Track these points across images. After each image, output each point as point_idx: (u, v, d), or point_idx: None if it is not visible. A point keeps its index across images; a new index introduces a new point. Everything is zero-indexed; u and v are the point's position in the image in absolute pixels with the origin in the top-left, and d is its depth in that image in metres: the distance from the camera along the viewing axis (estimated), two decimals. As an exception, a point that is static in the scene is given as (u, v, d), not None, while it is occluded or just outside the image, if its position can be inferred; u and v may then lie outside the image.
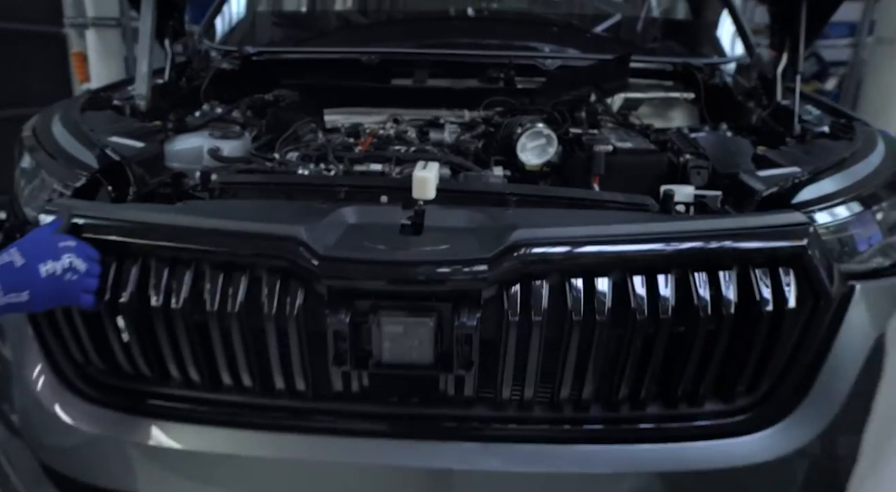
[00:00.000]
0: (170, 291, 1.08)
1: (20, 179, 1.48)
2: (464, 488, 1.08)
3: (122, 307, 1.10)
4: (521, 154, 1.57)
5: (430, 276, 1.03)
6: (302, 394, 1.13)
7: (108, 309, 1.11)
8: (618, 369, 1.08)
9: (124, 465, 1.14)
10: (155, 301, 1.08)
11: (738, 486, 1.10)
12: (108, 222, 1.10)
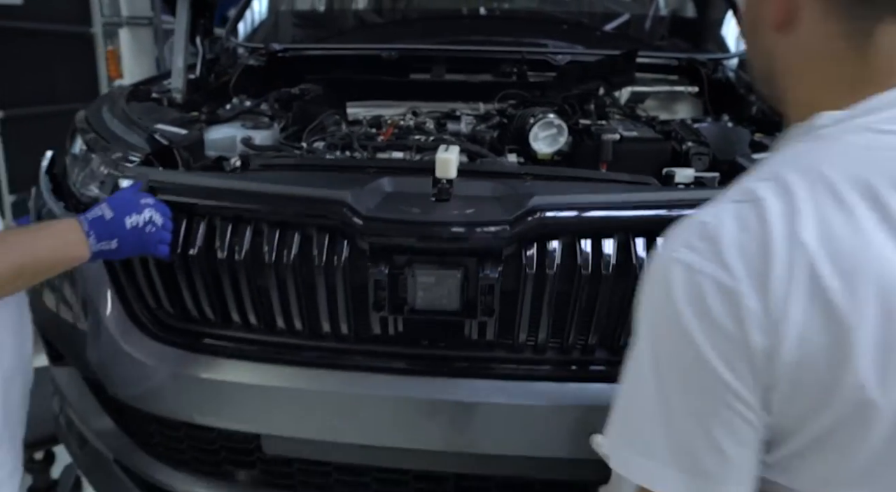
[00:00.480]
0: (233, 246, 1.25)
1: (73, 164, 1.63)
2: (483, 418, 1.23)
3: (191, 259, 1.27)
4: (534, 143, 1.70)
5: (458, 235, 1.19)
6: (344, 336, 1.29)
7: (180, 260, 1.28)
8: (622, 318, 1.23)
9: (184, 396, 1.32)
10: (220, 254, 1.25)
11: None
12: (180, 186, 1.28)
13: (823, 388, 0.58)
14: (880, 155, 0.61)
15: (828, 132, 0.65)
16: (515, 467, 1.28)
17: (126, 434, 1.47)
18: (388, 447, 1.28)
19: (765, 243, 0.59)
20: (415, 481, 1.33)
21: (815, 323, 0.57)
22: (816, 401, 0.59)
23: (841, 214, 0.58)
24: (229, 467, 1.38)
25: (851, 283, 0.56)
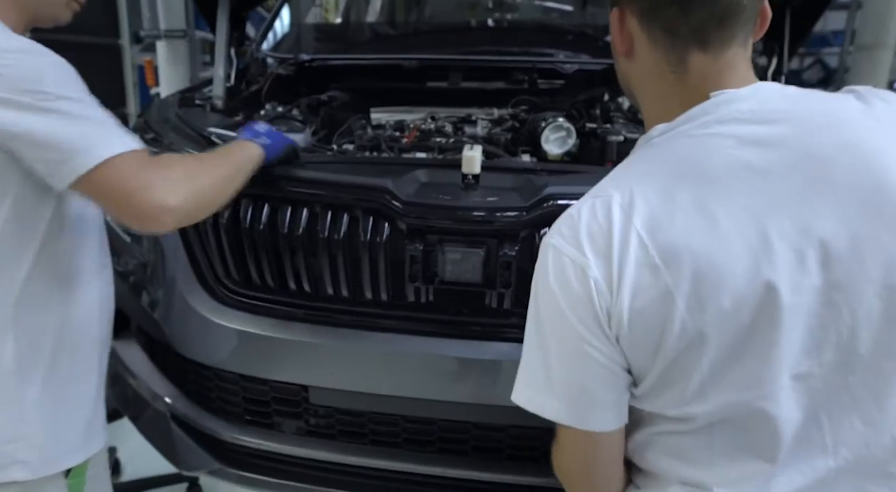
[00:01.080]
0: (293, 225, 1.48)
1: None
2: (499, 374, 1.45)
3: (257, 235, 1.50)
4: (545, 144, 1.92)
5: (482, 218, 1.42)
6: (383, 303, 1.51)
7: (247, 236, 1.52)
8: None
9: (246, 352, 1.55)
10: (282, 231, 1.48)
11: None
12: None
13: (657, 332, 0.81)
14: (692, 155, 0.83)
15: (657, 141, 0.88)
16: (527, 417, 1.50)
17: (184, 394, 1.70)
18: (416, 398, 1.50)
19: (608, 229, 0.82)
20: (439, 430, 1.55)
21: (645, 284, 0.80)
22: (655, 343, 0.81)
23: (664, 201, 0.80)
24: (278, 418, 1.61)
25: (671, 253, 0.79)
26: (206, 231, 1.56)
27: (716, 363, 0.81)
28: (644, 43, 0.88)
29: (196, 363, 1.60)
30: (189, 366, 1.64)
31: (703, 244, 0.78)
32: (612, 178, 0.88)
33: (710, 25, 0.82)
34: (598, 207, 0.84)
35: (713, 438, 0.85)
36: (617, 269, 0.80)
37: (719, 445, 0.85)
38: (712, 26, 0.83)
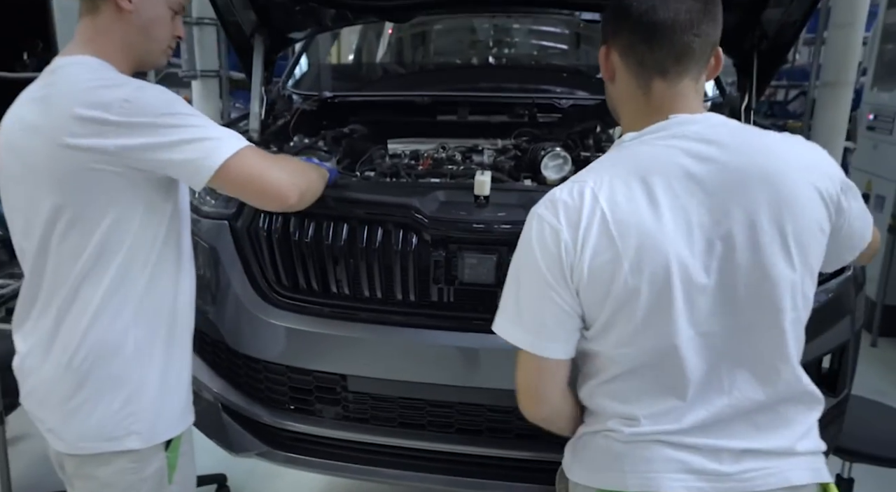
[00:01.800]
0: (335, 237, 1.79)
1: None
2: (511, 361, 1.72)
3: (305, 246, 1.80)
4: (544, 171, 2.23)
5: (494, 230, 1.73)
6: (411, 302, 1.81)
7: (296, 247, 1.82)
8: None
9: (293, 346, 1.84)
10: (328, 241, 1.79)
11: None
12: None
13: (607, 285, 1.12)
14: (649, 158, 1.15)
15: (626, 145, 1.20)
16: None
17: (233, 386, 1.98)
18: (439, 384, 1.79)
19: (580, 205, 1.13)
20: (458, 414, 1.84)
21: (602, 248, 1.11)
22: (604, 294, 1.13)
23: (625, 189, 1.12)
24: (319, 405, 1.90)
25: (624, 227, 1.10)
26: (259, 243, 1.86)
27: (645, 315, 1.12)
28: (622, 71, 1.21)
29: (248, 358, 1.89)
30: (240, 361, 1.92)
31: (647, 224, 1.10)
32: (589, 170, 1.21)
33: (668, 60, 1.15)
34: (574, 189, 1.16)
35: (640, 380, 1.16)
36: (582, 235, 1.11)
37: (644, 386, 1.16)
38: (670, 61, 1.15)
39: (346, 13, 2.84)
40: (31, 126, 1.38)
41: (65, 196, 1.35)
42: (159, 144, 1.31)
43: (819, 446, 1.21)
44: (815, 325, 1.24)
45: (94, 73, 1.38)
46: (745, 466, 1.14)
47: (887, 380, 3.71)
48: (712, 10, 1.17)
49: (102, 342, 1.39)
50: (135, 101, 1.32)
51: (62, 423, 1.42)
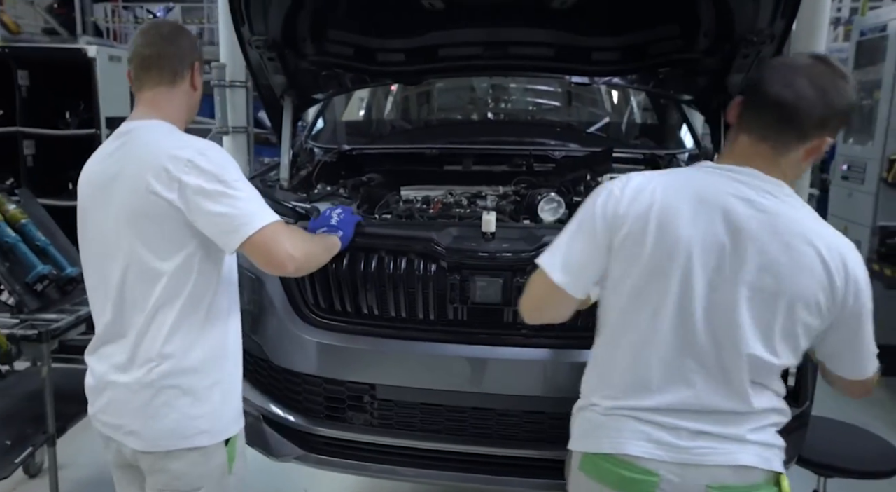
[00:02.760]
0: (366, 265, 2.14)
1: None
2: (515, 370, 2.07)
3: (340, 273, 2.15)
4: (541, 213, 2.59)
5: (501, 258, 2.08)
6: (430, 320, 2.15)
7: (332, 275, 2.17)
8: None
9: (328, 360, 2.16)
10: (361, 269, 2.14)
11: None
12: None
13: (631, 250, 1.45)
14: (707, 179, 1.47)
15: (701, 166, 1.54)
16: (537, 404, 2.12)
17: (272, 399, 2.30)
18: (455, 391, 2.12)
19: (642, 188, 1.46)
20: (471, 419, 2.16)
21: (639, 228, 1.44)
22: (625, 257, 1.46)
23: (677, 192, 1.45)
24: (350, 412, 2.22)
25: (664, 221, 1.42)
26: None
27: (643, 285, 1.46)
28: (734, 125, 1.52)
29: (288, 372, 2.21)
30: (281, 375, 2.25)
31: (683, 229, 1.41)
32: (661, 173, 1.55)
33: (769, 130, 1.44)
34: (644, 177, 1.51)
35: (621, 355, 1.52)
36: (631, 210, 1.45)
37: (623, 363, 1.51)
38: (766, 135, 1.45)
39: (365, 77, 3.25)
40: (110, 178, 1.72)
41: (144, 239, 1.68)
42: (216, 194, 1.62)
43: (773, 441, 1.51)
44: None
45: (171, 134, 1.74)
46: (699, 443, 1.45)
47: (869, 414, 3.99)
48: (827, 114, 1.41)
49: (175, 360, 1.71)
50: (207, 157, 1.66)
51: (142, 426, 1.72)
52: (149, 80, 1.80)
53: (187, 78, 1.85)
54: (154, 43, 1.82)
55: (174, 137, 1.73)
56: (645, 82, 3.26)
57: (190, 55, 1.87)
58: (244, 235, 1.63)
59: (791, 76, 1.42)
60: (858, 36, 5.29)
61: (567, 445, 1.62)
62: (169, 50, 1.82)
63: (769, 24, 2.39)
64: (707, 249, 1.41)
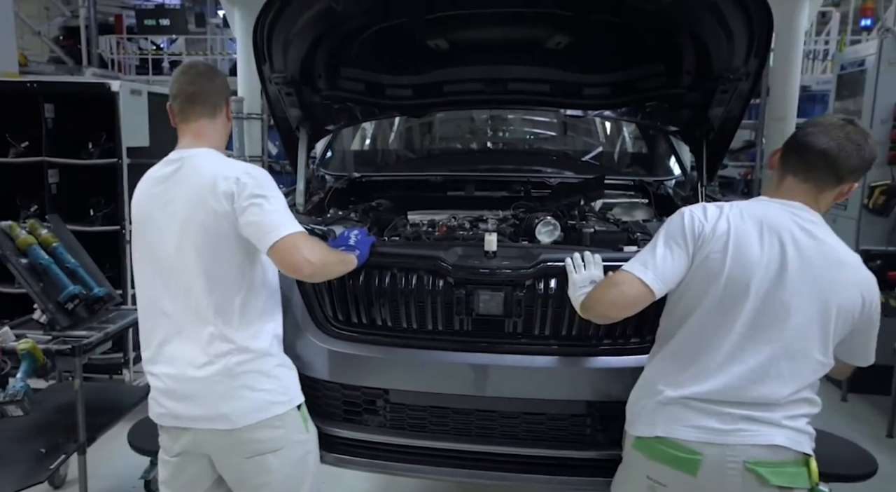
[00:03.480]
0: (380, 281, 2.37)
1: None
2: (516, 375, 2.29)
3: (357, 289, 2.39)
4: (538, 235, 2.81)
5: (502, 274, 2.32)
6: (439, 331, 2.37)
7: (350, 290, 2.40)
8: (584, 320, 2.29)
9: (345, 367, 2.39)
10: (375, 284, 2.38)
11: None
12: None
13: (708, 269, 1.80)
14: (764, 209, 1.83)
15: (758, 200, 1.89)
16: (537, 406, 2.35)
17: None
18: (461, 394, 2.34)
19: (719, 215, 1.83)
20: (476, 420, 2.38)
21: (719, 248, 1.79)
22: (703, 273, 1.80)
23: (743, 220, 1.80)
24: (366, 415, 2.44)
25: (738, 244, 1.77)
26: (320, 288, 2.45)
27: (715, 305, 1.81)
28: (778, 164, 1.90)
29: (309, 378, 2.44)
30: (302, 382, 2.47)
31: (751, 252, 1.76)
32: (731, 204, 1.89)
33: (813, 173, 1.83)
34: (716, 206, 1.88)
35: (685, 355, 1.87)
36: (713, 233, 1.81)
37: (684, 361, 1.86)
38: (810, 177, 1.84)
39: (375, 110, 3.54)
40: (169, 200, 2.02)
41: (206, 247, 1.97)
42: (254, 206, 1.94)
43: (804, 428, 1.81)
44: None
45: (221, 159, 2.07)
46: (741, 427, 1.76)
47: (858, 431, 4.19)
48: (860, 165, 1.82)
49: (246, 349, 2.01)
50: (250, 174, 2.00)
51: (229, 408, 1.99)
52: (193, 112, 2.10)
53: (224, 110, 2.18)
54: (196, 81, 2.12)
55: (224, 161, 2.06)
56: (633, 115, 3.54)
57: (224, 91, 2.20)
58: (271, 241, 1.93)
59: (834, 133, 1.80)
60: (839, 70, 5.62)
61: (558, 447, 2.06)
62: (209, 86, 2.13)
63: (744, 64, 2.67)
64: (773, 268, 1.77)
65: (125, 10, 16.68)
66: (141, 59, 15.81)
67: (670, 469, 1.81)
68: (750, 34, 2.54)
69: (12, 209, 4.35)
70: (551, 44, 2.94)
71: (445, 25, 2.95)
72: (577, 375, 2.32)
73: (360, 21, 2.90)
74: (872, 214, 5.05)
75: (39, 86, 4.38)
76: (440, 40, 3.03)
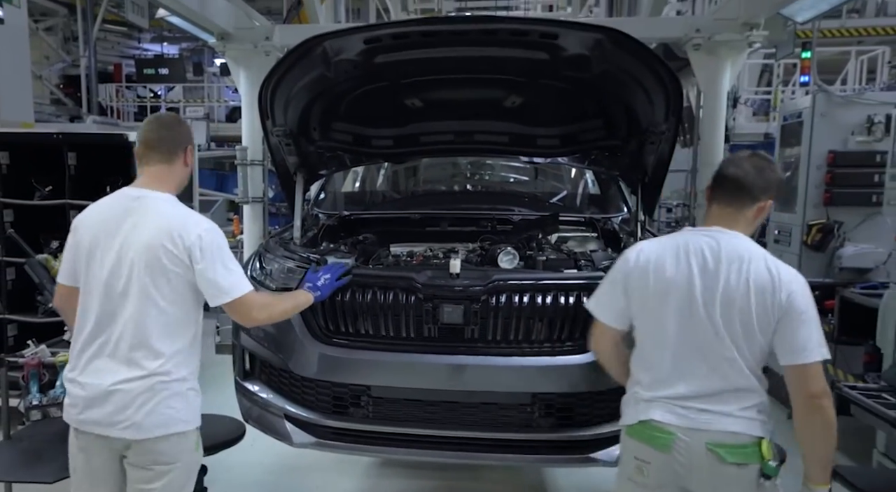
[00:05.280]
0: (363, 298, 2.94)
1: (266, 266, 3.37)
2: (474, 372, 2.83)
3: (345, 304, 2.96)
4: (500, 263, 3.42)
5: (462, 291, 2.90)
6: (411, 338, 2.92)
7: (339, 306, 2.97)
8: (532, 328, 2.88)
9: (335, 368, 2.92)
10: (359, 300, 2.95)
11: (576, 372, 2.86)
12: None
13: (639, 294, 2.25)
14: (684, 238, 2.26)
15: (682, 231, 2.37)
16: (490, 397, 2.91)
17: (292, 401, 3.08)
18: (430, 388, 2.89)
19: (639, 253, 2.29)
20: (442, 409, 2.93)
21: (641, 275, 2.25)
22: (637, 299, 2.26)
23: (661, 248, 2.26)
24: (350, 408, 2.99)
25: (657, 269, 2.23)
26: (315, 305, 3.02)
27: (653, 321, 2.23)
28: (707, 197, 2.32)
29: (304, 378, 3.00)
30: (299, 381, 3.03)
31: (668, 271, 2.18)
32: (656, 239, 2.36)
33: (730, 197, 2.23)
34: (645, 243, 2.34)
35: (649, 361, 2.26)
36: (637, 267, 2.24)
37: (650, 365, 2.25)
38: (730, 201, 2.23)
39: (362, 157, 4.17)
40: (124, 231, 2.27)
41: (155, 284, 2.25)
42: (212, 265, 2.28)
43: (755, 416, 2.10)
44: None
45: (178, 207, 2.35)
46: (702, 417, 2.12)
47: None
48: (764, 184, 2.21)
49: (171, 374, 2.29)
50: (211, 235, 2.31)
51: (142, 419, 2.24)
52: (151, 158, 2.39)
53: (182, 157, 2.44)
54: (157, 130, 2.43)
55: (182, 211, 2.36)
56: (581, 161, 4.18)
57: (185, 139, 2.46)
58: (226, 300, 2.33)
59: (740, 163, 2.25)
60: (783, 120, 6.31)
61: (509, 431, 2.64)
62: (168, 135, 2.42)
63: (664, 121, 3.30)
64: (684, 284, 2.16)
65: (124, 59, 17.52)
66: (139, 107, 16.57)
67: (651, 449, 2.17)
68: (667, 98, 3.17)
69: (35, 246, 4.91)
70: (508, 103, 3.59)
71: (419, 88, 3.59)
72: (523, 371, 2.88)
73: (348, 84, 3.52)
74: (811, 250, 5.65)
75: (64, 137, 5.00)
76: (415, 100, 3.67)
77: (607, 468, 2.74)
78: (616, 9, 9.98)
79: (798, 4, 4.93)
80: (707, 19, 6.05)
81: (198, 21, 5.72)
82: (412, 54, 3.24)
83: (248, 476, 4.06)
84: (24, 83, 6.97)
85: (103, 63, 16.87)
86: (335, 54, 3.17)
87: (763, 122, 12.48)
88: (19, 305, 5.05)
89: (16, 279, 5.05)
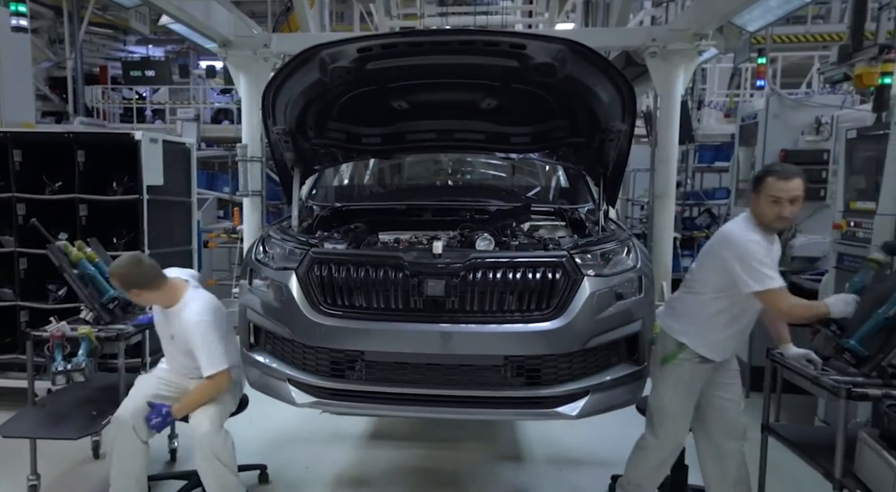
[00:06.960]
0: (357, 274, 3.40)
1: (250, 264, 3.81)
2: (455, 338, 3.28)
3: (341, 280, 3.41)
4: (478, 247, 3.91)
5: (444, 268, 3.35)
6: (399, 308, 3.36)
7: (336, 282, 3.42)
8: (505, 299, 3.32)
9: (333, 336, 3.36)
10: (354, 277, 3.40)
11: (545, 337, 3.32)
12: (336, 254, 3.49)
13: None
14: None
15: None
16: (468, 359, 3.37)
17: (295, 367, 3.52)
18: (416, 352, 3.35)
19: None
20: (427, 371, 3.38)
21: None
22: None
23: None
24: (346, 371, 3.43)
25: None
26: (312, 280, 3.46)
27: None
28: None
29: (306, 346, 3.44)
30: (300, 348, 3.47)
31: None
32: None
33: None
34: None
35: None
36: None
37: None
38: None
39: (353, 154, 4.63)
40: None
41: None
42: (203, 342, 3.31)
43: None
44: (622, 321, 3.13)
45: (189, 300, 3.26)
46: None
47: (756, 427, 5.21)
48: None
49: None
50: (203, 320, 3.23)
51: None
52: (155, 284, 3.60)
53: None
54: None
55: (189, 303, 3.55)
56: (550, 157, 4.67)
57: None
58: (205, 373, 3.43)
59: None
60: (741, 121, 6.84)
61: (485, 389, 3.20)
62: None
63: (622, 120, 3.79)
64: None
65: (110, 61, 17.82)
66: (125, 108, 16.89)
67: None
68: (622, 101, 3.66)
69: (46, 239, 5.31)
70: (484, 104, 4.07)
71: (405, 91, 4.05)
72: (496, 337, 3.34)
73: (341, 88, 3.97)
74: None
75: (75, 136, 5.41)
76: (402, 102, 4.13)
77: (575, 429, 3.20)
78: (591, 16, 10.51)
79: (748, 15, 5.45)
80: (662, 30, 6.63)
81: (201, 29, 6.16)
82: (399, 61, 3.69)
83: (247, 450, 4.50)
84: (26, 85, 7.35)
85: (89, 65, 17.17)
86: (331, 61, 3.61)
87: (733, 123, 13.09)
88: (32, 293, 5.45)
89: (27, 268, 5.43)
